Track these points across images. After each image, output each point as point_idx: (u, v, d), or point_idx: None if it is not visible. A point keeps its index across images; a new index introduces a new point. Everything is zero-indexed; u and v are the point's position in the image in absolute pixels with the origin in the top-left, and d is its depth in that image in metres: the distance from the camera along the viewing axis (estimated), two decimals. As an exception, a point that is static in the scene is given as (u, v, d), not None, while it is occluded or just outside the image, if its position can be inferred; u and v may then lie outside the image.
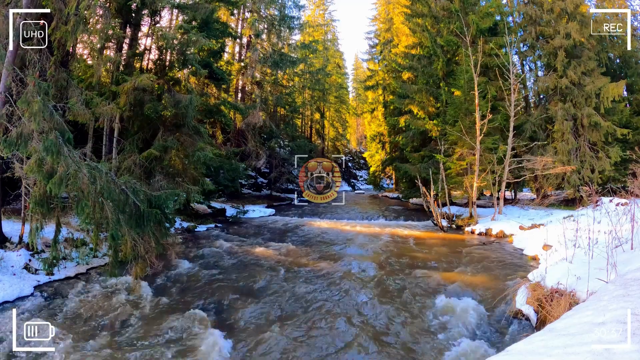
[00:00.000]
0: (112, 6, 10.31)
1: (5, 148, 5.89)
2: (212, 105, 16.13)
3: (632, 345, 2.33)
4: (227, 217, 14.59)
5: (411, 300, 6.02)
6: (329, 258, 8.80)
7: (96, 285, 6.54)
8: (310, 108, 29.75)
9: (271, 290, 6.51)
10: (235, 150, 17.42)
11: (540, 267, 6.93)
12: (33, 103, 5.88)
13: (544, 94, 16.09)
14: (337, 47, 36.33)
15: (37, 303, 5.71)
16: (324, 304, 5.93)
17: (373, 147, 27.84)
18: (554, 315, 4.49)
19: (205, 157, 10.72)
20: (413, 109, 17.66)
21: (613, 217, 6.33)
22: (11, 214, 8.43)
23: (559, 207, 13.61)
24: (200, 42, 10.97)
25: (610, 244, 5.37)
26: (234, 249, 9.49)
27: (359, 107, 38.39)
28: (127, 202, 6.37)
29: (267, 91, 21.46)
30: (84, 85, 9.94)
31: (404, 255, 9.13)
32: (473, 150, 12.86)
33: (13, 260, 6.64)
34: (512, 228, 11.14)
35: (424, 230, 12.62)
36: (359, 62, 43.51)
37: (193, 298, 6.14)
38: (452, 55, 16.35)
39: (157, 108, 10.32)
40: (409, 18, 18.37)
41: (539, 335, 3.06)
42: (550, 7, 15.13)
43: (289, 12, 22.40)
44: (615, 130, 13.61)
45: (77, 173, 5.84)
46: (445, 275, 7.32)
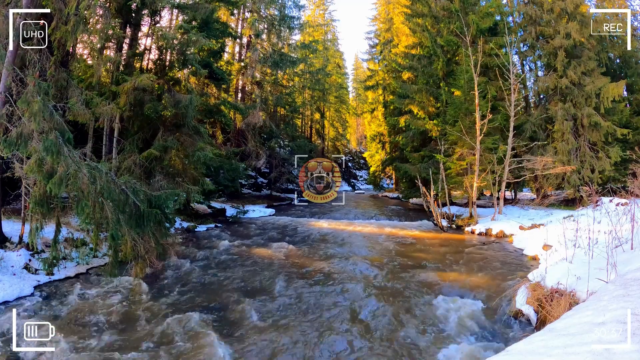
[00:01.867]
0: (112, 6, 10.32)
1: (5, 148, 5.89)
2: (212, 105, 16.14)
3: (632, 345, 2.33)
4: (227, 217, 14.59)
5: (411, 300, 6.02)
6: (329, 258, 8.80)
7: (96, 285, 6.54)
8: (310, 108, 29.75)
9: (271, 290, 6.51)
10: (235, 150, 17.42)
11: (540, 267, 6.92)
12: (33, 103, 5.88)
13: (544, 94, 16.10)
14: (337, 47, 36.34)
15: (37, 303, 5.71)
16: (324, 304, 5.94)
17: (373, 147, 27.85)
18: (554, 315, 4.49)
19: (205, 157, 10.73)
20: (413, 109, 17.68)
21: (613, 217, 6.33)
22: (11, 214, 8.43)
23: (559, 207, 13.61)
24: (200, 42, 10.98)
25: (610, 244, 5.37)
26: (234, 249, 9.49)
27: (359, 107, 38.40)
28: (127, 202, 6.37)
29: (267, 91, 21.46)
30: (84, 85, 9.95)
31: (403, 255, 9.13)
32: (473, 150, 12.86)
33: (13, 260, 6.64)
34: (512, 228, 11.13)
35: (424, 230, 12.62)
36: (359, 62, 43.58)
37: (193, 298, 6.14)
38: (452, 55, 16.36)
39: (157, 108, 10.32)
40: (409, 18, 18.40)
41: (539, 335, 3.06)
42: (550, 7, 15.13)
43: (289, 12, 22.44)
44: (615, 130, 13.61)
45: (77, 173, 5.84)
46: (445, 275, 7.32)
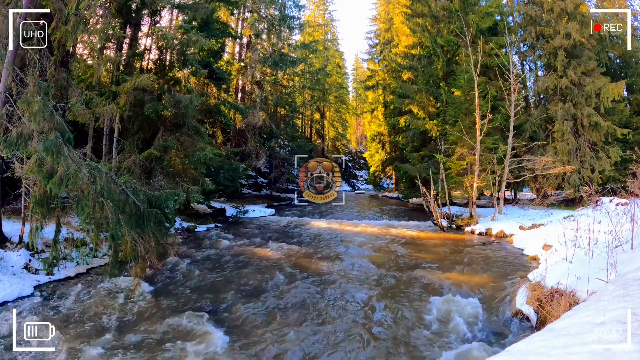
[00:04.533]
0: (112, 6, 10.32)
1: (5, 148, 5.89)
2: (212, 105, 16.13)
3: (632, 345, 2.33)
4: (227, 217, 14.59)
5: (411, 300, 6.02)
6: (329, 258, 8.80)
7: (96, 285, 6.53)
8: (310, 108, 29.74)
9: (271, 290, 6.51)
10: (235, 150, 17.42)
11: (540, 267, 6.92)
12: (33, 103, 5.87)
13: (544, 94, 16.10)
14: (337, 47, 36.34)
15: (37, 303, 5.70)
16: (324, 303, 5.94)
17: (373, 147, 27.84)
18: (554, 315, 4.49)
19: (205, 157, 10.72)
20: (413, 109, 17.67)
21: (613, 217, 6.32)
22: (11, 214, 8.43)
23: (559, 207, 13.60)
24: (200, 42, 10.98)
25: (610, 244, 5.37)
26: (234, 249, 9.49)
27: (359, 107, 38.39)
28: (127, 202, 6.37)
29: (267, 91, 21.46)
30: (84, 85, 9.96)
31: (403, 255, 9.13)
32: (473, 150, 12.85)
33: (13, 260, 6.64)
34: (512, 228, 11.13)
35: (424, 230, 12.61)
36: (359, 62, 43.55)
37: (193, 298, 6.14)
38: (452, 55, 16.36)
39: (157, 108, 10.32)
40: (409, 18, 18.39)
41: (539, 335, 3.05)
42: (550, 7, 15.13)
43: (289, 12, 22.45)
44: (615, 130, 13.61)
45: (77, 173, 5.84)
46: (445, 275, 7.32)
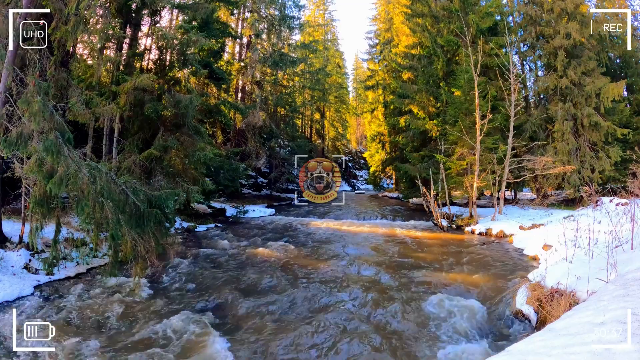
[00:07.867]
0: (112, 6, 10.32)
1: (5, 148, 5.88)
2: (212, 105, 16.13)
3: (632, 345, 2.33)
4: (227, 217, 14.59)
5: (411, 299, 6.02)
6: (329, 258, 8.80)
7: (96, 285, 6.54)
8: (310, 108, 29.72)
9: (271, 290, 6.51)
10: (235, 150, 17.42)
11: (540, 267, 6.92)
12: (33, 103, 5.87)
13: (544, 94, 16.09)
14: (337, 47, 36.30)
15: (37, 303, 5.70)
16: (324, 304, 5.94)
17: (373, 147, 27.83)
18: (554, 315, 4.49)
19: (205, 157, 10.72)
20: (413, 109, 17.67)
21: (613, 217, 6.32)
22: (11, 214, 8.43)
23: (559, 207, 13.60)
24: (200, 42, 10.98)
25: (610, 244, 5.36)
26: (234, 249, 9.49)
27: (359, 107, 38.35)
28: (127, 202, 6.36)
29: (267, 91, 21.45)
30: (84, 85, 9.94)
31: (403, 255, 9.13)
32: (473, 150, 12.85)
33: (13, 260, 6.64)
34: (512, 228, 11.13)
35: (424, 230, 12.62)
36: (359, 62, 43.50)
37: (193, 298, 6.14)
38: (452, 55, 16.35)
39: (157, 108, 10.32)
40: (409, 18, 18.38)
41: (539, 335, 3.05)
42: (550, 7, 15.13)
43: (289, 12, 22.43)
44: (615, 130, 13.60)
45: (77, 173, 5.83)
46: (445, 275, 7.32)
